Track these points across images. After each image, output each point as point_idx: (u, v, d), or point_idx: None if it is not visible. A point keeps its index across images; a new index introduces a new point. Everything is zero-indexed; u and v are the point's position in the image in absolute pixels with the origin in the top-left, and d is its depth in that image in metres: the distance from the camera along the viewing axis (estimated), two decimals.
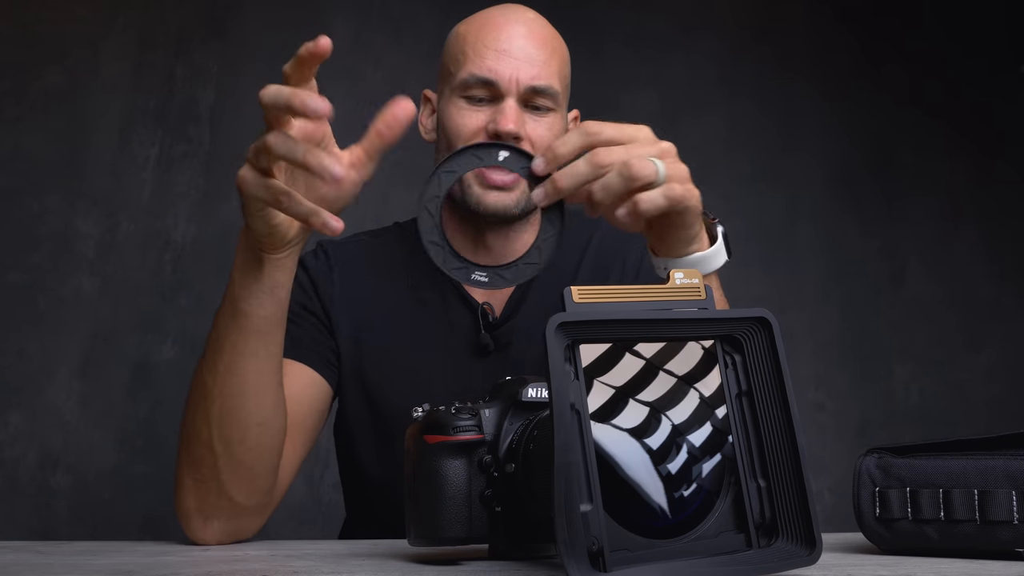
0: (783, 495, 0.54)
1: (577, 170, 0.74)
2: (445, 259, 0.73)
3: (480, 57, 1.02)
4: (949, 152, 2.44)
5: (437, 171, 0.73)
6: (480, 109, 1.03)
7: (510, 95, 1.01)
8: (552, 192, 0.74)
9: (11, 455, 1.90)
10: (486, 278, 0.74)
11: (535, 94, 1.02)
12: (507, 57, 1.02)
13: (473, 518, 0.65)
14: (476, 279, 0.73)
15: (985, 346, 2.37)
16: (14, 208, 1.97)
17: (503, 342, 1.05)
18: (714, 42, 2.39)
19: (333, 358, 1.05)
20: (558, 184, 0.73)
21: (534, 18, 1.07)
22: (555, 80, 1.04)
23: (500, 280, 0.74)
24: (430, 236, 0.73)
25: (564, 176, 0.73)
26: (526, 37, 1.04)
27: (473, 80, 1.02)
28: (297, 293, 1.07)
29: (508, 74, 1.01)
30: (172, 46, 2.11)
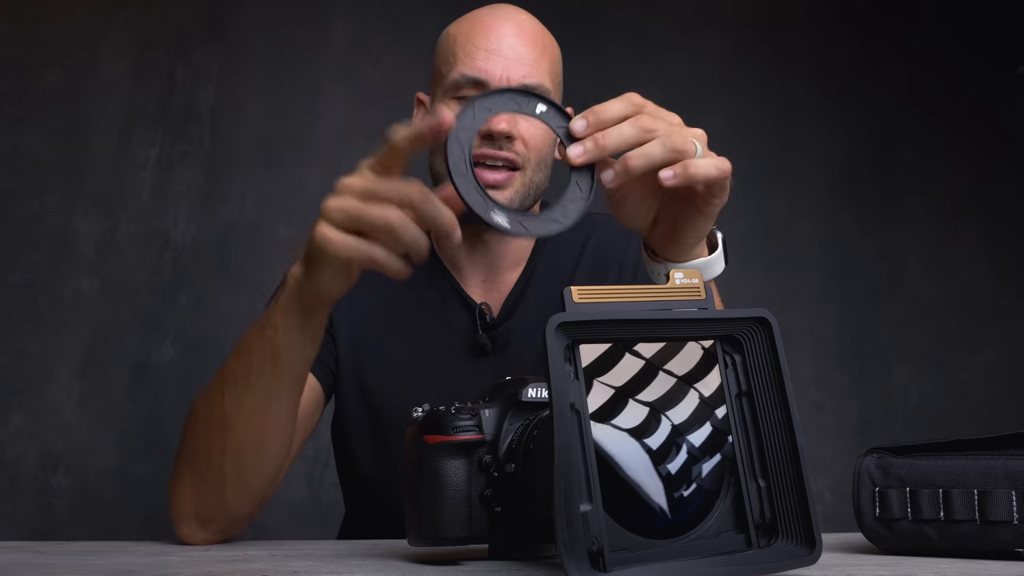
0: (783, 495, 0.54)
1: (623, 131, 0.69)
2: (469, 192, 0.68)
3: (470, 58, 1.02)
4: (949, 152, 2.44)
5: (474, 102, 0.70)
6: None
7: None
8: (593, 150, 0.69)
9: (11, 455, 1.90)
10: (507, 222, 0.68)
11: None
12: (497, 56, 1.02)
13: (473, 518, 0.65)
14: (495, 219, 0.68)
15: (984, 346, 2.37)
16: (14, 208, 1.97)
17: (501, 342, 1.06)
18: (716, 41, 2.39)
19: (330, 360, 1.06)
20: (601, 142, 0.69)
21: (524, 17, 1.07)
22: (546, 78, 1.04)
23: (520, 227, 0.69)
24: (458, 167, 0.69)
25: (609, 135, 0.69)
26: (516, 36, 1.03)
27: (464, 80, 1.02)
28: None
29: (499, 73, 1.01)
30: (172, 46, 2.10)
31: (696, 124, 0.73)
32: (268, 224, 2.06)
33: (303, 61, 2.16)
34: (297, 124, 2.13)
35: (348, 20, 2.20)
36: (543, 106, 0.71)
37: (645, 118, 0.70)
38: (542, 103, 0.71)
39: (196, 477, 0.85)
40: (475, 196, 0.69)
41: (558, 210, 0.70)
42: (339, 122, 2.15)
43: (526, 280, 1.09)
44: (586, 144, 0.69)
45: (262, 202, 2.07)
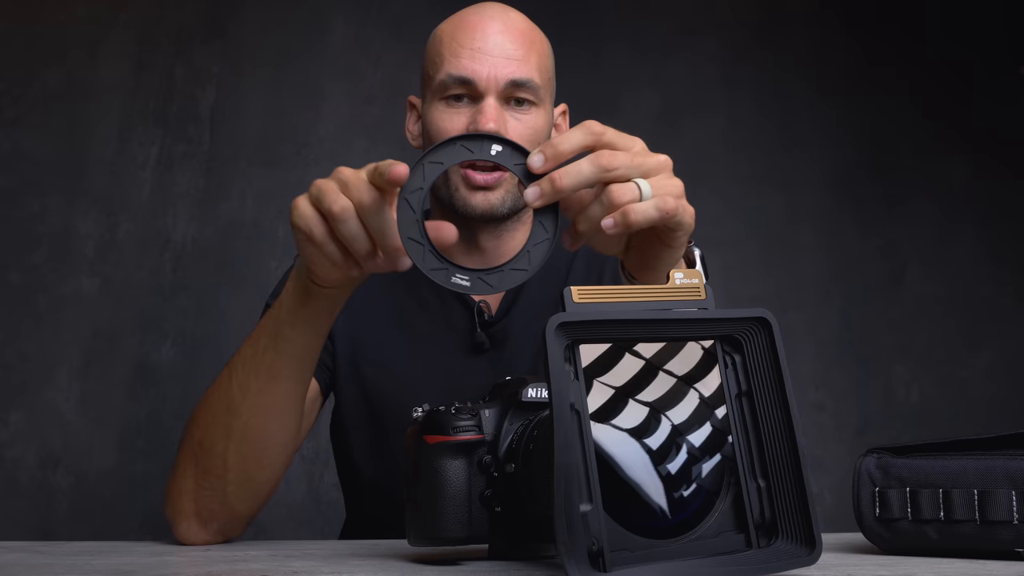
0: (783, 495, 0.54)
1: (580, 170, 0.67)
2: (424, 258, 0.66)
3: (456, 57, 1.01)
4: (949, 153, 2.44)
5: (422, 161, 0.67)
6: (460, 110, 1.02)
7: (489, 93, 1.00)
8: (550, 192, 0.67)
9: (11, 455, 1.90)
10: (467, 282, 0.67)
11: (515, 88, 1.01)
12: (483, 55, 1.01)
13: (473, 518, 0.65)
14: (457, 282, 0.66)
15: (985, 346, 2.37)
16: (14, 208, 1.97)
17: (499, 339, 1.06)
18: (715, 43, 2.39)
19: (327, 359, 1.06)
20: (557, 184, 0.66)
21: (512, 15, 1.06)
22: (535, 73, 1.03)
23: (483, 285, 0.67)
24: (409, 232, 0.66)
25: (566, 175, 0.66)
26: (502, 33, 1.02)
27: (451, 80, 1.01)
28: None
29: (486, 72, 1.00)
30: (172, 46, 2.10)
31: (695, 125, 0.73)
32: (268, 224, 2.06)
33: (303, 61, 2.16)
34: (297, 124, 2.13)
35: (348, 20, 2.20)
36: (498, 147, 0.69)
37: (605, 155, 0.68)
38: (496, 143, 0.69)
39: (199, 470, 0.86)
40: (431, 262, 0.67)
41: (522, 257, 0.68)
42: (339, 122, 2.15)
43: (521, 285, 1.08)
44: (543, 186, 0.67)
45: (262, 202, 2.07)
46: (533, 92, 1.02)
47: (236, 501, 0.86)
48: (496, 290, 0.68)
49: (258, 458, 0.85)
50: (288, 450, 0.88)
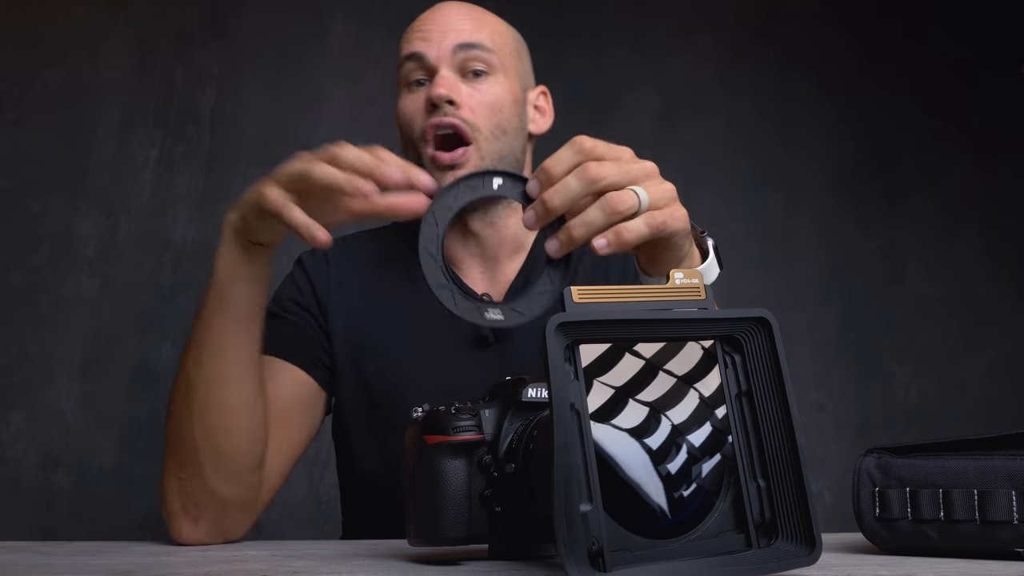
0: (783, 495, 0.54)
1: (568, 187, 0.69)
2: (456, 301, 0.69)
3: (408, 42, 1.05)
4: (949, 152, 2.44)
5: (432, 209, 0.70)
6: (419, 91, 1.04)
7: (441, 64, 1.02)
8: (543, 213, 0.70)
9: (12, 455, 1.90)
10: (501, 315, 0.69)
11: (465, 51, 1.02)
12: (431, 31, 1.03)
13: (473, 518, 0.65)
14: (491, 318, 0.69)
15: (985, 346, 2.37)
16: (14, 208, 1.97)
17: (503, 333, 1.05)
18: (714, 42, 2.39)
19: (324, 357, 1.06)
20: (549, 204, 0.69)
21: (464, 3, 1.08)
22: (485, 39, 1.04)
23: (516, 315, 0.70)
24: (436, 279, 0.69)
25: (555, 194, 0.69)
26: (450, 13, 1.05)
27: (405, 61, 1.04)
28: (293, 291, 1.08)
29: (434, 46, 1.02)
30: (172, 46, 2.11)
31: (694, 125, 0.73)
32: None
33: (303, 61, 2.16)
34: (297, 124, 2.13)
35: (348, 20, 2.20)
36: (499, 179, 0.71)
37: (591, 167, 0.70)
38: (497, 177, 0.71)
39: (176, 463, 0.86)
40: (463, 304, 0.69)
41: (543, 280, 0.71)
42: (339, 123, 2.15)
43: (528, 270, 1.08)
44: (536, 208, 0.70)
45: None
46: (485, 58, 1.03)
47: (216, 483, 0.85)
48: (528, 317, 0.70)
49: (223, 428, 0.85)
50: (255, 423, 0.87)
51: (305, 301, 1.07)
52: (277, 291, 1.10)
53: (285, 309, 1.07)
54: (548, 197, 0.69)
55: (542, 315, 0.69)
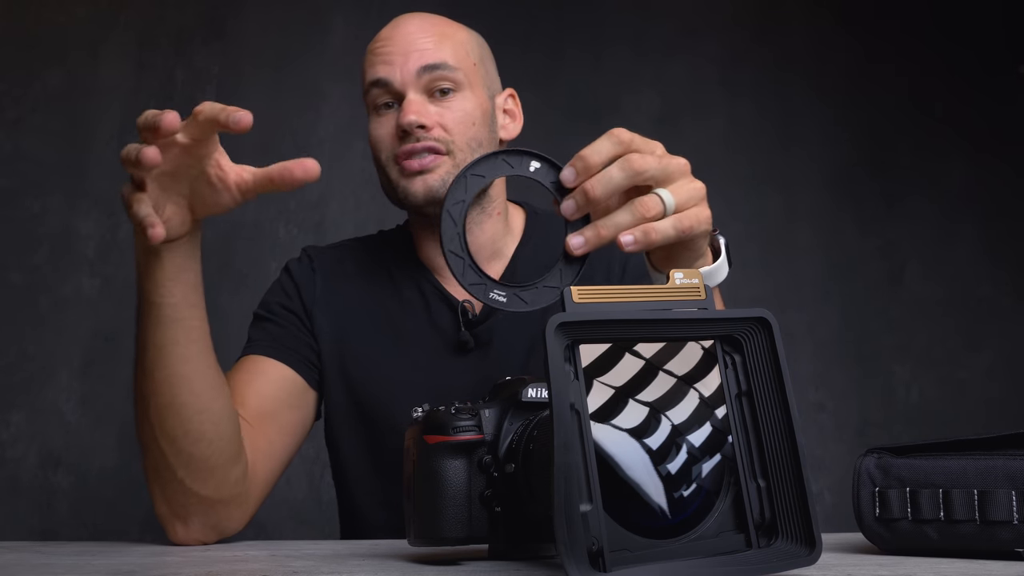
0: (783, 495, 0.54)
1: (611, 177, 0.68)
2: (464, 272, 0.68)
3: (372, 66, 1.04)
4: (948, 152, 2.44)
5: (464, 173, 0.68)
6: (388, 115, 1.04)
7: (407, 88, 1.02)
8: (584, 203, 0.68)
9: (12, 455, 1.90)
10: (504, 298, 0.68)
11: (429, 73, 1.02)
12: (393, 55, 1.03)
13: (473, 518, 0.65)
14: (494, 298, 0.68)
15: (985, 346, 2.37)
16: (14, 208, 1.97)
17: (483, 339, 1.06)
18: (715, 43, 2.40)
19: (313, 357, 1.06)
20: (591, 194, 0.68)
21: (424, 16, 1.07)
22: (448, 57, 1.03)
23: (519, 302, 0.68)
24: (450, 245, 0.68)
25: (598, 183, 0.68)
26: (411, 33, 1.04)
27: (371, 87, 1.04)
28: (280, 296, 1.09)
29: (397, 71, 1.02)
30: (172, 47, 2.11)
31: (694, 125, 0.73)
32: (268, 225, 2.06)
33: (303, 61, 2.16)
34: (297, 124, 2.13)
35: (348, 20, 2.20)
36: (536, 163, 0.70)
37: (635, 159, 0.69)
38: (535, 160, 0.70)
39: (152, 471, 0.86)
40: (471, 276, 0.68)
41: (554, 274, 0.70)
42: (339, 123, 2.15)
43: (509, 277, 1.09)
44: (576, 199, 0.69)
45: (262, 203, 2.07)
46: (451, 77, 1.03)
47: (192, 484, 0.85)
48: (531, 307, 0.68)
49: (184, 432, 0.84)
50: (218, 419, 0.86)
51: (292, 305, 1.08)
52: (265, 297, 1.11)
53: (273, 312, 1.08)
54: (591, 187, 0.68)
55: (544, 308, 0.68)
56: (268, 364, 1.02)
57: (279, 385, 1.02)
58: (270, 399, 0.99)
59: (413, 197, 1.02)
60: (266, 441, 0.96)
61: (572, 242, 0.69)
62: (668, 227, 0.70)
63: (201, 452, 0.85)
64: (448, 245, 0.67)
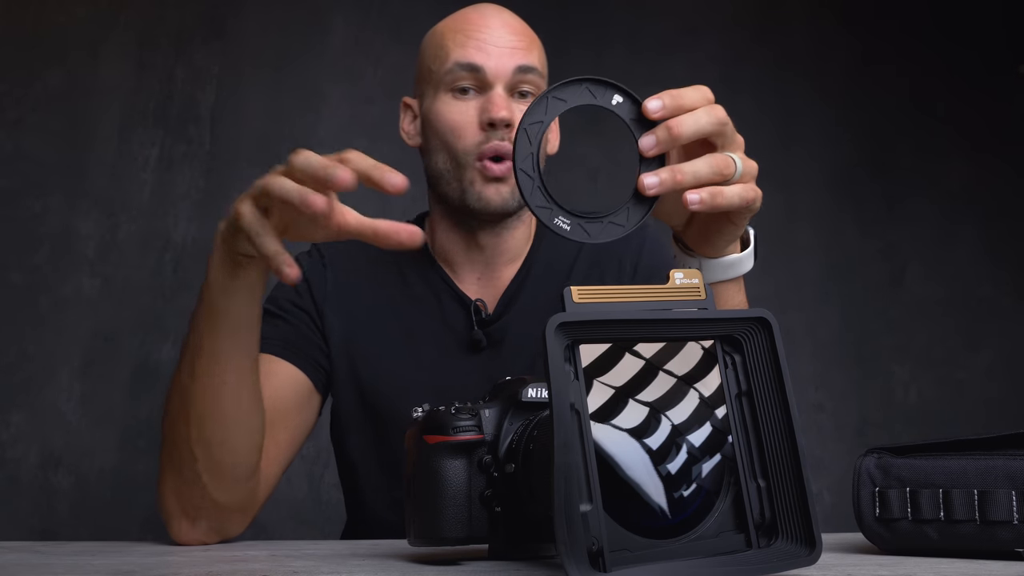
0: (783, 495, 0.54)
1: (698, 119, 0.68)
2: (532, 193, 0.65)
3: (463, 47, 1.03)
4: (949, 152, 2.44)
5: (547, 95, 0.66)
6: (468, 101, 1.03)
7: (498, 82, 1.02)
8: (666, 139, 0.67)
9: (12, 455, 1.90)
10: (568, 226, 0.65)
11: (521, 74, 1.02)
12: (489, 45, 1.02)
13: (473, 518, 0.64)
14: (558, 224, 0.65)
15: (985, 346, 2.37)
16: (14, 208, 1.97)
17: (496, 338, 1.06)
18: (714, 42, 2.40)
19: (322, 358, 1.06)
20: (675, 131, 0.67)
21: (509, 13, 1.08)
22: (537, 63, 1.05)
23: (582, 232, 0.66)
24: (523, 164, 0.65)
25: (684, 123, 0.67)
26: (503, 28, 1.04)
27: (459, 68, 1.03)
28: (290, 292, 1.08)
29: (494, 61, 1.02)
30: (172, 46, 2.11)
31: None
32: None
33: (303, 61, 2.16)
34: (297, 124, 2.13)
35: (348, 20, 2.20)
36: (619, 96, 0.68)
37: (720, 109, 0.69)
38: (618, 93, 0.68)
39: (173, 467, 0.86)
40: (538, 198, 0.66)
41: (621, 213, 0.67)
42: (339, 123, 2.15)
43: (523, 277, 1.09)
44: (659, 133, 0.67)
45: None
46: (536, 82, 1.04)
47: (215, 491, 0.85)
48: (593, 240, 0.66)
49: (221, 442, 0.84)
50: (253, 431, 0.86)
51: (303, 303, 1.07)
52: (273, 292, 1.10)
53: (283, 309, 1.07)
54: (676, 124, 0.67)
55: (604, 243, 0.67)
56: (279, 365, 1.01)
57: (290, 387, 1.01)
58: (280, 401, 0.98)
59: (486, 204, 1.02)
60: (274, 444, 0.95)
61: (647, 181, 0.66)
62: (735, 194, 0.69)
63: (231, 461, 0.85)
64: (521, 164, 0.65)
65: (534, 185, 0.66)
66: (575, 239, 0.66)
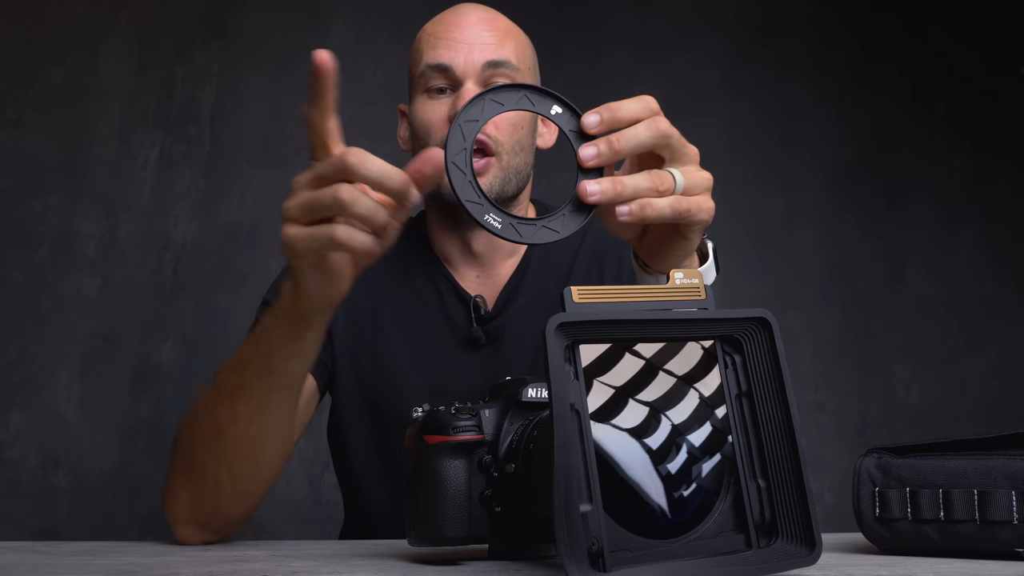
0: (783, 495, 0.54)
1: (638, 133, 0.67)
2: (463, 187, 0.65)
3: (434, 48, 1.04)
4: (949, 152, 2.44)
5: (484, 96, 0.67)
6: (441, 100, 1.04)
7: (467, 78, 1.02)
8: (607, 153, 0.66)
9: (12, 455, 1.90)
10: (499, 224, 0.65)
11: (492, 69, 1.02)
12: (459, 43, 1.03)
13: (473, 518, 0.65)
14: (489, 220, 0.65)
15: (985, 345, 2.37)
16: (15, 208, 1.97)
17: (495, 335, 1.06)
18: (715, 42, 2.39)
19: (325, 355, 1.06)
20: (616, 145, 0.66)
21: (488, 10, 1.08)
22: (511, 56, 1.04)
23: (513, 232, 0.65)
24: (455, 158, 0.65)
25: (623, 138, 0.66)
26: (476, 24, 1.05)
27: (429, 70, 1.03)
28: None
29: (462, 58, 1.02)
30: (172, 46, 2.11)
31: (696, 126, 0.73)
32: (268, 224, 2.06)
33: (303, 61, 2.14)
34: (297, 125, 2.13)
35: (348, 21, 2.20)
36: (559, 107, 0.68)
37: (663, 121, 0.68)
38: (557, 104, 0.68)
39: (191, 484, 0.85)
40: (471, 193, 0.65)
41: (557, 219, 0.67)
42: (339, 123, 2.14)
43: (521, 273, 1.09)
44: (599, 146, 0.67)
45: (262, 202, 2.07)
46: (511, 76, 1.03)
47: (230, 509, 0.85)
48: (523, 241, 0.66)
49: (250, 475, 0.84)
50: (283, 460, 0.86)
51: None
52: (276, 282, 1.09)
53: None
54: (617, 138, 0.67)
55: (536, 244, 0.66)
56: None
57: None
58: None
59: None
60: None
61: (589, 188, 0.66)
62: (666, 205, 0.68)
63: (254, 489, 0.85)
64: (453, 157, 0.65)
65: (466, 180, 0.65)
66: (507, 237, 0.66)
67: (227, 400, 0.81)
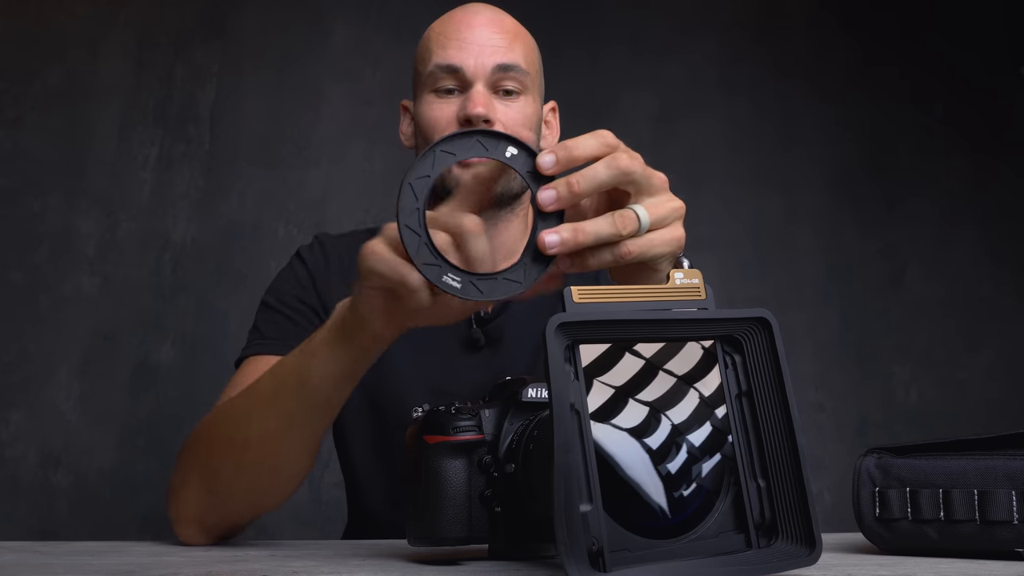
0: (783, 495, 0.54)
1: (597, 174, 0.63)
2: (418, 250, 0.62)
3: (443, 48, 1.03)
4: (949, 153, 2.44)
5: (434, 148, 0.63)
6: (449, 100, 1.03)
7: (477, 80, 1.02)
8: (567, 196, 0.62)
9: (11, 455, 1.90)
10: (459, 284, 0.62)
11: (502, 72, 1.02)
12: (470, 44, 1.02)
13: (473, 518, 0.64)
14: (447, 282, 0.62)
15: (985, 346, 2.37)
16: (14, 208, 1.97)
17: (494, 337, 1.06)
18: (713, 43, 2.40)
19: None
20: (575, 188, 0.62)
21: (496, 11, 1.08)
22: (520, 60, 1.04)
23: (474, 290, 0.62)
24: (407, 219, 0.61)
25: (583, 179, 0.62)
26: (487, 26, 1.04)
27: (439, 70, 1.03)
28: (295, 287, 1.08)
29: (472, 60, 1.02)
30: (172, 46, 2.11)
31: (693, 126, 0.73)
32: (268, 224, 2.06)
33: (303, 61, 2.16)
34: (297, 124, 2.13)
35: (348, 21, 2.20)
36: (513, 149, 0.63)
37: (623, 158, 0.63)
38: (512, 146, 0.64)
39: (204, 488, 0.84)
40: (426, 256, 0.62)
41: (518, 268, 0.63)
42: (339, 123, 2.15)
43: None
44: (559, 189, 0.62)
45: (262, 202, 2.07)
46: (520, 79, 1.03)
47: (239, 518, 0.86)
48: (486, 298, 0.63)
49: (267, 489, 0.84)
50: (303, 476, 0.86)
51: (308, 298, 1.07)
52: (277, 284, 1.09)
53: (288, 305, 1.06)
54: (575, 181, 0.62)
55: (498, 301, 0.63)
56: None
57: None
58: None
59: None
60: None
61: (547, 239, 0.62)
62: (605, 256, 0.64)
63: (268, 502, 0.85)
64: (405, 219, 0.61)
65: (420, 242, 0.62)
66: (467, 297, 0.62)
67: (258, 410, 0.80)
